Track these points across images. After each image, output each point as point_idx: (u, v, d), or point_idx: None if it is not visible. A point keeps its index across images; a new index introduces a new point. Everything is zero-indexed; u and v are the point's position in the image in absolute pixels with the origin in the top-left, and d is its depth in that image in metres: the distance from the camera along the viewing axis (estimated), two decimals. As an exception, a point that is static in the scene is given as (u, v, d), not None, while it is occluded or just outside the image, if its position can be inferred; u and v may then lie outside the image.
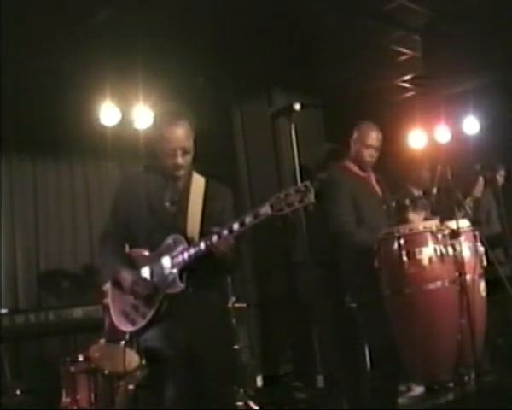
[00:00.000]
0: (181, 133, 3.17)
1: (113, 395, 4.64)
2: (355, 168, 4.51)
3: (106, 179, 7.51)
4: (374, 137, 4.48)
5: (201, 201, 3.26)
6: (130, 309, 3.23)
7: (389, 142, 4.76)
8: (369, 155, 4.47)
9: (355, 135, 4.51)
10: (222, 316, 3.57)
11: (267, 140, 6.76)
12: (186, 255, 3.10)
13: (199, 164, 3.34)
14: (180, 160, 3.19)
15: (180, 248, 3.13)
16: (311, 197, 2.87)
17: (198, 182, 3.32)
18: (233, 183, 6.79)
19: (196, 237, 3.18)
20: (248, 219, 2.97)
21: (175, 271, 3.12)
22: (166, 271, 3.15)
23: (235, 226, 2.99)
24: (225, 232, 3.01)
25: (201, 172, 3.38)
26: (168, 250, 3.17)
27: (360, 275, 4.28)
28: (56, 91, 6.06)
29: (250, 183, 6.96)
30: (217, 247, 3.04)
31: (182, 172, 3.24)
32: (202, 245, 3.06)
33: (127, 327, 3.25)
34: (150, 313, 3.16)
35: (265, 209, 2.92)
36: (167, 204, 3.24)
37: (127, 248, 3.36)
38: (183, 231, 3.18)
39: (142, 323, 3.18)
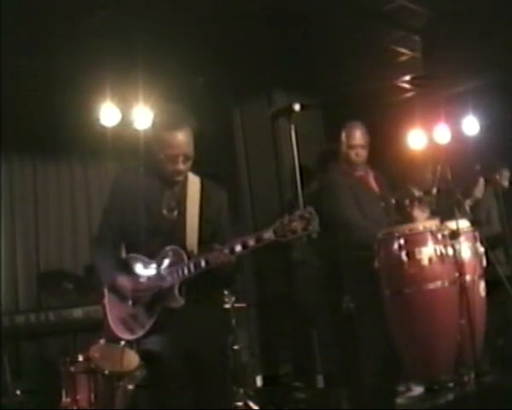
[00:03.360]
0: (183, 139, 3.13)
1: (113, 395, 4.65)
2: (348, 169, 4.50)
3: (106, 179, 7.49)
4: (357, 136, 4.46)
5: (198, 204, 3.24)
6: (128, 317, 3.19)
7: (389, 142, 4.75)
8: (355, 155, 4.46)
9: (342, 137, 4.51)
10: (220, 324, 3.52)
11: (267, 140, 6.75)
12: (186, 270, 3.08)
13: (199, 164, 3.33)
14: (181, 166, 3.16)
15: (180, 263, 3.10)
16: (316, 225, 2.89)
17: (194, 184, 3.29)
18: (233, 183, 6.81)
19: (195, 248, 3.17)
20: (251, 242, 2.98)
21: (174, 284, 3.10)
22: (165, 283, 3.12)
23: (238, 248, 3.00)
24: (226, 251, 3.01)
25: (201, 173, 3.35)
26: (167, 262, 3.14)
27: (360, 275, 4.28)
28: (56, 92, 6.05)
29: (250, 183, 6.96)
30: (217, 264, 3.03)
31: (180, 178, 3.22)
32: (203, 262, 3.05)
33: (125, 335, 3.23)
34: (149, 323, 3.13)
35: (269, 234, 2.93)
36: (165, 211, 3.20)
37: (123, 251, 3.32)
38: (182, 241, 3.16)
39: (140, 333, 3.15)
